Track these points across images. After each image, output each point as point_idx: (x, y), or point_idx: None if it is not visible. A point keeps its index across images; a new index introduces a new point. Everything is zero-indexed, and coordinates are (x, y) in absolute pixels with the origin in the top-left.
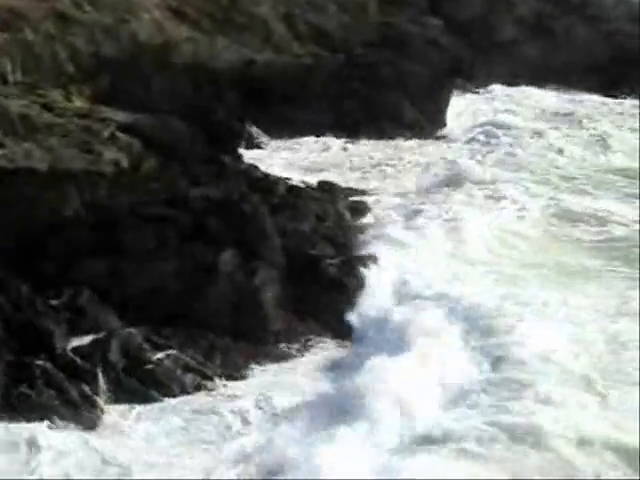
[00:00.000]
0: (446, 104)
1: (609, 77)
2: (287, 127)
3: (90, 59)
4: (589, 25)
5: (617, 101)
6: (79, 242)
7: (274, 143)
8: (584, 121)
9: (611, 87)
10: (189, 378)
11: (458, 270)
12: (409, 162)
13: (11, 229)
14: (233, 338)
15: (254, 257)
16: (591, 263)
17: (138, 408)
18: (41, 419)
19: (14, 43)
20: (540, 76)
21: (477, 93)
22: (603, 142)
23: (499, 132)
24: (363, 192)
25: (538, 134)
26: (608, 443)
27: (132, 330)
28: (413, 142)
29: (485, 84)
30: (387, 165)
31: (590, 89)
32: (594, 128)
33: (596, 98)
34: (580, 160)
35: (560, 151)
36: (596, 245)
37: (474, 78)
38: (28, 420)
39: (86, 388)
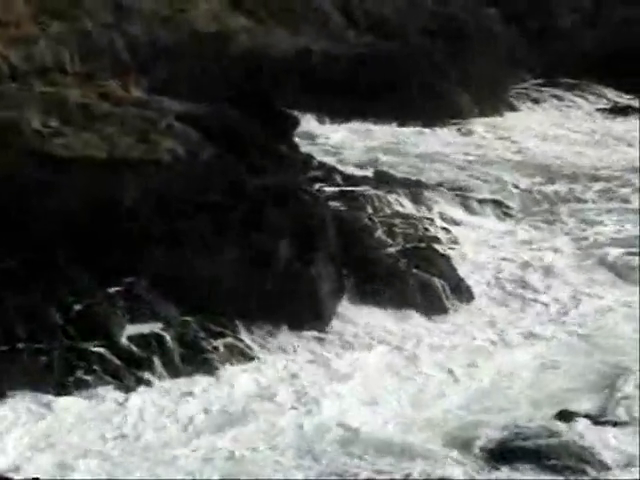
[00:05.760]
0: (503, 94)
1: None
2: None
3: (147, 49)
4: None
5: None
6: (137, 231)
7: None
8: None
9: None
10: None
11: None
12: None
13: (69, 217)
14: (289, 327)
15: (311, 247)
16: None
17: None
18: None
19: (72, 33)
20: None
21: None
22: None
23: None
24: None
25: None
26: None
27: (188, 318)
28: None
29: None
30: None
31: None
32: None
33: None
34: None
35: None
36: None
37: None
38: None
39: (142, 375)
